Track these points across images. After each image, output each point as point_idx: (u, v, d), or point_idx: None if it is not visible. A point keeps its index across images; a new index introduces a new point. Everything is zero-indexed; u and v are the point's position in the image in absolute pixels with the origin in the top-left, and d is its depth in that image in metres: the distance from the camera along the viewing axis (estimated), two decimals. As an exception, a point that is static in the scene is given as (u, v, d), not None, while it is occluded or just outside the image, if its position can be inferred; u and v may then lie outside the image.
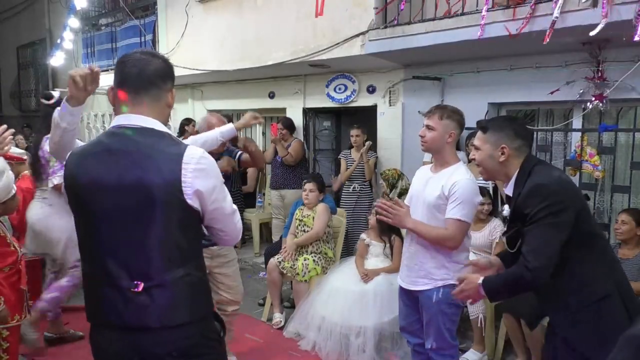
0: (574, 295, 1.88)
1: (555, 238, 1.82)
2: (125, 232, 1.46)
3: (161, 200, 1.44)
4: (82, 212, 1.52)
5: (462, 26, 3.73)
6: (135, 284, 1.43)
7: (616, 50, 3.61)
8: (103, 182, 1.46)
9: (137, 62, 1.53)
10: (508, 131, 2.05)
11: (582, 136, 3.96)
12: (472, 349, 3.57)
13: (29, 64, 11.87)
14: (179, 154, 1.47)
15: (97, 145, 1.52)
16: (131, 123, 1.51)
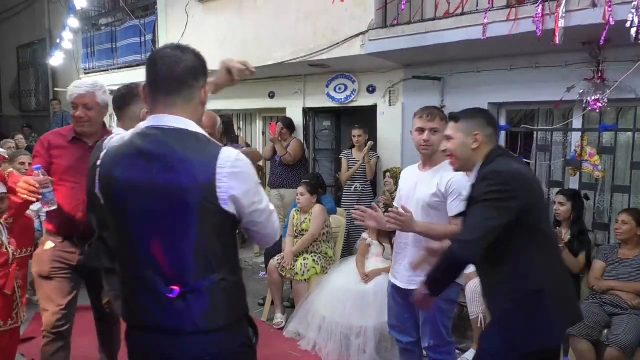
0: (512, 284, 1.93)
1: (493, 219, 1.86)
2: (159, 237, 1.43)
3: (195, 205, 1.40)
4: (117, 215, 1.49)
5: (462, 26, 3.73)
6: (170, 289, 1.41)
7: (616, 50, 3.60)
8: (136, 185, 1.42)
9: (167, 60, 1.48)
10: (480, 119, 2.13)
11: (582, 136, 3.95)
12: (472, 348, 3.57)
13: (29, 64, 11.88)
14: (213, 156, 1.42)
15: (129, 146, 1.47)
16: (164, 124, 1.46)
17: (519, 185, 1.91)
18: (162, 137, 1.44)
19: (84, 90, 2.61)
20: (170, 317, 1.43)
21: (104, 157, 1.52)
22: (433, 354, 2.61)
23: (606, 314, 3.18)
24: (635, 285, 3.20)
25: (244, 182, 1.45)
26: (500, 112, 4.60)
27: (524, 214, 1.88)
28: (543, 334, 1.89)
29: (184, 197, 1.39)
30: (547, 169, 4.41)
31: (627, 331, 2.99)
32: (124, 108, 2.40)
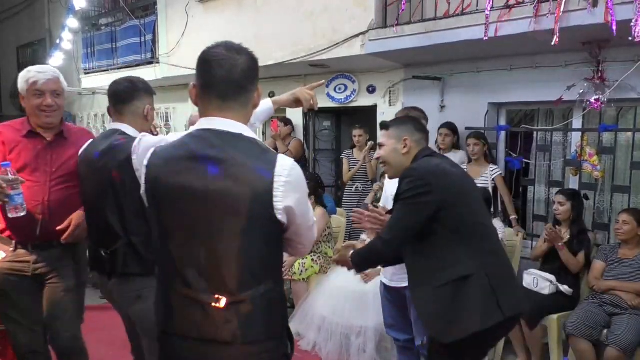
0: (437, 273, 1.99)
1: (409, 217, 2.00)
2: (209, 245, 1.36)
3: (249, 213, 1.34)
4: (163, 219, 1.42)
5: (462, 26, 3.73)
6: (216, 298, 1.36)
7: (616, 50, 3.60)
8: (189, 190, 1.36)
9: (224, 62, 1.39)
10: (408, 126, 2.25)
11: (582, 136, 3.96)
12: (472, 349, 3.57)
13: (29, 64, 11.70)
14: (270, 164, 1.37)
15: (181, 149, 1.41)
16: (219, 128, 1.40)
17: (435, 180, 1.99)
18: (217, 142, 1.38)
19: (50, 75, 2.34)
20: (211, 327, 1.37)
21: (152, 158, 1.44)
22: (426, 351, 2.62)
23: (606, 313, 3.18)
24: (635, 285, 3.20)
25: (298, 192, 1.41)
26: (500, 112, 4.60)
27: (442, 208, 1.96)
28: (462, 323, 1.92)
29: (239, 205, 1.34)
30: (547, 169, 4.41)
31: (627, 331, 2.99)
32: (127, 103, 2.18)
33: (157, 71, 6.83)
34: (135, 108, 2.20)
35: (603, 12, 3.01)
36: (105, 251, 2.11)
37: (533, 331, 3.30)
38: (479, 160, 4.21)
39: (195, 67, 1.44)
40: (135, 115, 2.20)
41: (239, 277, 1.37)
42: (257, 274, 1.39)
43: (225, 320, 1.37)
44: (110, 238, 2.09)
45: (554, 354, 3.32)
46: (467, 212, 2.04)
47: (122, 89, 2.21)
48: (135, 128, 2.18)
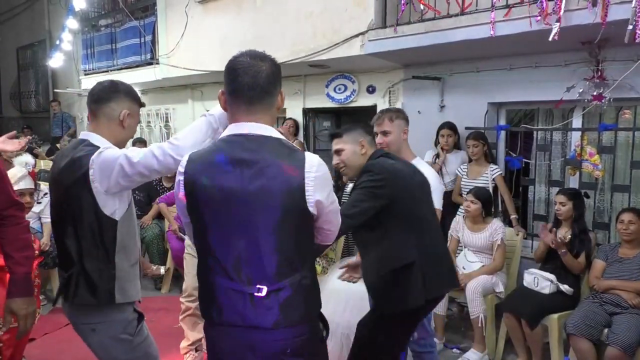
0: (384, 261, 2.26)
1: (368, 200, 2.19)
2: (249, 239, 1.50)
3: (284, 208, 1.49)
4: (204, 219, 1.53)
5: (462, 26, 3.73)
6: (258, 288, 1.50)
7: (615, 50, 3.61)
8: (227, 191, 1.48)
9: (249, 69, 1.53)
10: (359, 130, 2.46)
11: (582, 135, 3.96)
12: (473, 348, 3.57)
13: (28, 65, 11.88)
14: (300, 161, 1.51)
15: (216, 153, 1.53)
16: (248, 132, 1.54)
17: (389, 176, 2.24)
18: (250, 145, 1.52)
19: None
20: (255, 315, 1.51)
21: (188, 165, 1.54)
22: (418, 347, 2.67)
23: (606, 313, 3.18)
24: (635, 284, 3.20)
25: (327, 185, 1.56)
26: (500, 111, 4.60)
27: (392, 201, 2.21)
28: (401, 300, 2.24)
29: (275, 201, 1.48)
30: (547, 169, 4.41)
31: (628, 330, 2.99)
32: (103, 103, 1.97)
33: (157, 72, 6.84)
34: (110, 110, 1.97)
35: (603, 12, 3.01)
36: (62, 273, 1.96)
37: (534, 331, 3.30)
38: (479, 160, 4.21)
39: (224, 75, 1.57)
40: (110, 120, 1.98)
41: (278, 267, 1.51)
42: (293, 263, 1.54)
43: (267, 308, 1.50)
44: (66, 261, 1.94)
45: (555, 353, 3.32)
46: (412, 206, 2.29)
47: (99, 88, 2.02)
48: (109, 137, 1.97)
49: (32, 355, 3.48)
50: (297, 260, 1.55)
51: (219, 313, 1.55)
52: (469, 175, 4.25)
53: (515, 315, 3.40)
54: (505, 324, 3.51)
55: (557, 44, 3.53)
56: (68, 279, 1.92)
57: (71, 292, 1.91)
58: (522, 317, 3.34)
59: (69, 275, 1.92)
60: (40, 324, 3.88)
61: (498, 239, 3.69)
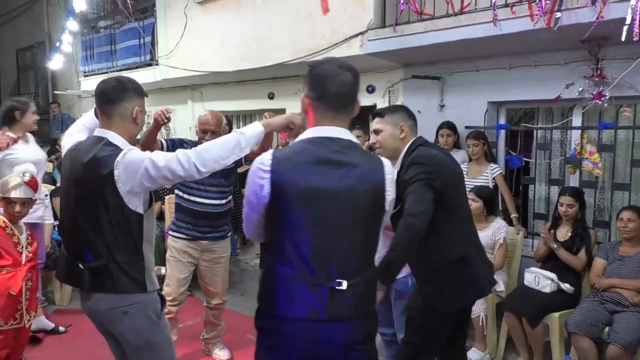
0: (436, 255, 2.27)
1: (427, 194, 2.17)
2: (337, 236, 1.60)
3: (370, 207, 1.63)
4: (290, 216, 1.59)
5: (461, 25, 3.73)
6: (338, 282, 1.58)
7: (615, 48, 3.60)
8: (319, 190, 1.57)
9: (337, 78, 1.63)
10: (402, 113, 2.45)
11: (582, 134, 3.96)
12: (474, 347, 3.57)
13: (28, 67, 11.88)
14: (380, 164, 1.67)
15: (306, 155, 1.61)
16: (338, 136, 1.64)
17: (437, 168, 2.24)
18: (337, 147, 1.62)
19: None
20: (333, 308, 1.59)
21: (275, 165, 1.59)
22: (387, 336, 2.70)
23: (607, 311, 3.18)
24: (636, 282, 3.20)
25: (394, 186, 1.72)
26: (499, 110, 4.60)
27: (443, 192, 2.20)
28: (456, 296, 2.29)
29: (363, 200, 1.61)
30: (547, 167, 4.41)
31: (629, 328, 2.99)
32: (115, 103, 2.03)
33: (157, 73, 6.84)
34: (124, 109, 2.03)
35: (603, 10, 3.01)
36: (83, 265, 1.99)
37: (535, 329, 3.30)
38: (479, 160, 4.21)
39: (309, 81, 1.68)
40: (124, 118, 2.04)
41: (359, 262, 1.64)
42: (368, 258, 1.69)
43: (344, 301, 1.60)
44: (89, 254, 1.98)
45: (556, 352, 3.32)
46: (457, 198, 2.33)
47: (109, 88, 2.07)
48: (123, 134, 2.04)
49: (33, 357, 3.48)
50: (371, 256, 1.70)
51: (294, 309, 1.60)
52: (469, 174, 4.25)
53: (516, 314, 3.40)
54: (506, 323, 3.51)
55: (557, 42, 3.54)
56: (96, 270, 1.97)
57: (102, 281, 1.97)
58: (523, 316, 3.34)
59: (96, 266, 1.97)
60: (42, 326, 3.89)
61: (500, 238, 3.68)
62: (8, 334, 2.76)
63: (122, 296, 1.99)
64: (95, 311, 2.06)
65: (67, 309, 4.52)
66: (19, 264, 2.79)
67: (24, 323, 2.80)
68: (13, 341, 2.81)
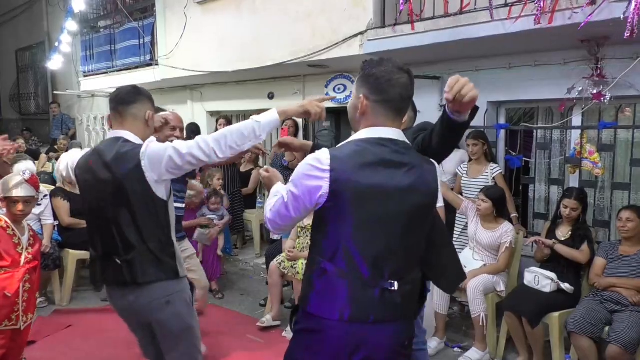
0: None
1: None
2: (392, 237, 1.59)
3: (423, 207, 1.65)
4: (349, 216, 1.57)
5: (460, 25, 3.73)
6: (390, 283, 1.58)
7: (614, 48, 3.61)
8: (380, 189, 1.56)
9: (401, 80, 1.61)
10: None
11: (582, 134, 3.96)
12: (474, 347, 3.57)
13: (28, 67, 11.87)
14: (433, 165, 1.70)
15: (367, 155, 1.59)
16: (397, 137, 1.64)
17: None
18: (397, 148, 1.62)
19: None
20: (383, 308, 1.58)
21: (335, 163, 1.56)
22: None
23: (607, 311, 3.18)
24: (636, 281, 3.20)
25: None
26: (499, 110, 4.60)
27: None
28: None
29: (418, 201, 1.62)
30: (546, 167, 4.41)
31: (629, 328, 2.99)
32: (130, 104, 2.19)
33: (156, 73, 6.83)
34: (137, 111, 2.19)
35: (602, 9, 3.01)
36: (119, 259, 2.08)
37: (535, 329, 3.30)
38: (479, 159, 4.21)
39: (369, 83, 1.63)
40: (137, 119, 2.19)
41: (410, 263, 1.65)
42: (417, 258, 1.69)
43: (394, 302, 1.60)
44: (124, 247, 2.08)
45: (556, 351, 3.33)
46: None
47: (125, 91, 2.23)
48: (137, 133, 2.17)
49: (33, 357, 3.48)
50: (419, 256, 1.70)
51: (345, 310, 1.57)
52: (469, 174, 4.25)
53: (516, 314, 3.40)
54: (507, 323, 3.51)
55: (556, 42, 3.54)
56: (129, 262, 2.06)
57: (139, 273, 2.06)
58: (523, 316, 3.34)
59: (129, 259, 2.06)
60: (41, 327, 3.89)
61: (507, 242, 3.68)
62: (4, 335, 2.75)
63: (162, 286, 2.10)
64: (136, 306, 2.13)
65: (67, 309, 4.52)
66: (17, 265, 2.78)
67: (20, 325, 2.78)
68: (11, 342, 2.79)
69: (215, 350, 3.63)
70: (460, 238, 4.21)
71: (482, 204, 3.74)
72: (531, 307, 3.34)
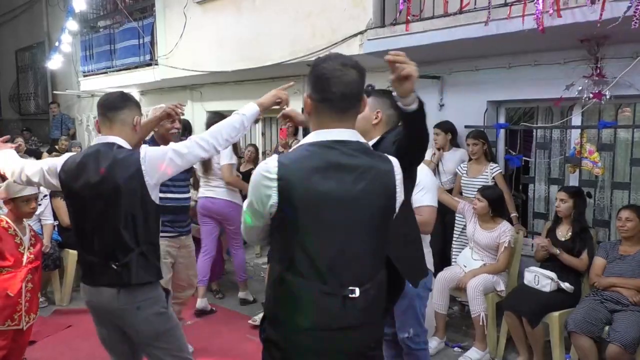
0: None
1: None
2: (350, 242, 1.53)
3: (383, 209, 1.58)
4: (300, 224, 1.51)
5: (460, 24, 3.73)
6: (351, 290, 1.52)
7: (614, 47, 3.60)
8: (331, 195, 1.50)
9: (342, 78, 1.53)
10: (386, 100, 2.29)
11: (582, 133, 3.96)
12: (474, 347, 3.57)
13: (27, 67, 11.87)
14: (390, 164, 1.61)
15: (315, 159, 1.52)
16: (346, 138, 1.56)
17: None
18: (347, 150, 1.54)
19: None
20: (346, 315, 1.52)
21: (283, 171, 1.51)
22: (413, 344, 2.64)
23: (607, 310, 3.18)
24: (636, 281, 3.20)
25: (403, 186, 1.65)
26: (499, 110, 4.60)
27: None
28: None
29: (377, 203, 1.55)
30: (546, 167, 4.41)
31: (629, 327, 2.99)
32: (117, 110, 2.22)
33: (156, 73, 6.83)
34: (125, 117, 2.22)
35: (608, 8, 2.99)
36: (116, 264, 2.11)
37: (535, 329, 3.30)
38: (479, 159, 4.21)
39: (311, 81, 1.57)
40: (124, 125, 2.22)
41: (371, 268, 1.57)
42: (380, 262, 1.61)
43: (357, 308, 1.53)
44: (121, 251, 2.12)
45: (556, 351, 3.33)
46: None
47: (113, 97, 2.28)
48: (125, 139, 2.21)
49: (33, 358, 3.48)
50: (383, 259, 1.63)
51: (307, 318, 1.53)
52: (468, 173, 4.25)
53: (516, 314, 3.40)
54: (506, 323, 3.51)
55: (556, 42, 3.53)
56: (126, 265, 2.11)
57: (134, 275, 2.11)
58: (523, 316, 3.34)
59: (125, 262, 2.11)
60: (41, 327, 3.89)
61: (505, 242, 3.68)
62: (6, 336, 2.75)
63: (133, 293, 2.13)
64: (106, 307, 2.17)
65: (67, 309, 4.52)
66: (20, 265, 2.79)
67: (22, 325, 2.79)
68: (12, 343, 2.80)
69: (215, 350, 3.64)
70: (460, 238, 4.22)
71: (478, 203, 3.76)
72: (531, 306, 3.34)
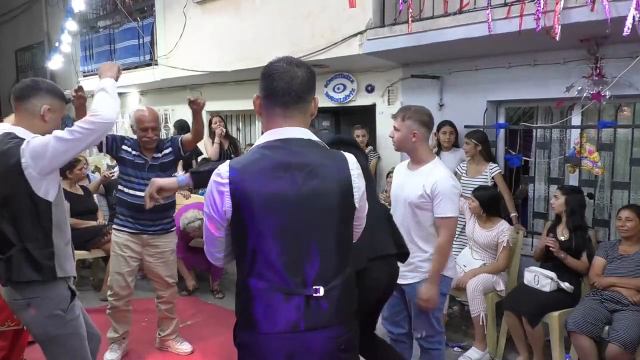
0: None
1: None
2: (308, 242, 1.51)
3: (340, 206, 1.55)
4: (256, 227, 1.50)
5: (460, 24, 3.73)
6: (315, 289, 1.50)
7: (614, 47, 3.61)
8: (282, 196, 1.49)
9: (284, 75, 1.55)
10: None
11: (581, 133, 3.96)
12: (474, 347, 3.57)
13: (27, 67, 11.87)
14: (343, 160, 1.59)
15: (264, 161, 1.52)
16: (292, 136, 1.56)
17: None
18: (295, 149, 1.54)
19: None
20: (311, 316, 1.51)
21: (233, 174, 1.50)
22: (426, 343, 2.69)
23: (607, 310, 3.18)
24: (635, 281, 3.20)
25: (364, 179, 1.64)
26: (499, 109, 4.60)
27: None
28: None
29: (332, 201, 1.53)
30: (546, 167, 4.41)
31: (628, 327, 2.99)
32: (25, 99, 2.15)
33: (156, 73, 6.83)
34: (32, 106, 2.15)
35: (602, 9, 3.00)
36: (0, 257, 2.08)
37: (534, 328, 3.30)
38: (477, 159, 4.21)
39: (260, 80, 1.61)
40: (31, 115, 2.15)
41: (334, 266, 1.55)
42: (344, 260, 1.59)
43: (322, 308, 1.52)
44: (4, 245, 2.07)
45: (556, 351, 3.33)
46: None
47: (22, 86, 2.20)
48: (31, 130, 2.12)
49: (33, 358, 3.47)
50: (347, 257, 1.60)
51: (273, 323, 1.51)
52: (468, 173, 4.26)
53: (516, 314, 3.40)
54: (506, 322, 3.51)
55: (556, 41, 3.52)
56: (8, 260, 2.07)
57: (14, 271, 2.06)
58: (523, 315, 3.34)
59: (8, 256, 2.07)
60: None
61: (504, 241, 3.69)
62: (6, 336, 2.75)
63: (29, 287, 2.08)
64: (6, 301, 2.17)
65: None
66: None
67: (22, 325, 2.78)
68: (12, 343, 2.79)
69: (215, 350, 3.64)
70: (459, 238, 4.21)
71: (472, 203, 3.80)
72: (531, 306, 3.34)
